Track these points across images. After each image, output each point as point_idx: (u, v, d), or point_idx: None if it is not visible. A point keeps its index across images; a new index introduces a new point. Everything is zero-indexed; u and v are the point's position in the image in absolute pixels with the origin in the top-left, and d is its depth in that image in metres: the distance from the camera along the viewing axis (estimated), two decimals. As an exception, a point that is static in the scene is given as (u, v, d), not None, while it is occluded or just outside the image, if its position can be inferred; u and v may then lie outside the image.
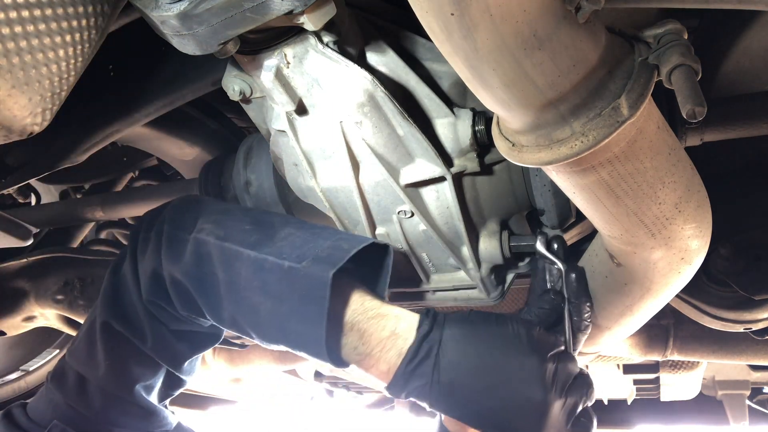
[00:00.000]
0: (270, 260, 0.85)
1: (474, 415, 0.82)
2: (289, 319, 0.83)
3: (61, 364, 1.01)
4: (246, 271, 0.86)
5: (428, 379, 0.81)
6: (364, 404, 3.15)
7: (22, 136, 0.72)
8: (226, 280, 0.87)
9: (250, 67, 0.87)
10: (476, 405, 0.81)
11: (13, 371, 2.27)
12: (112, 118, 1.30)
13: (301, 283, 0.82)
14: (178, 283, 0.92)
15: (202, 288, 0.89)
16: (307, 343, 0.83)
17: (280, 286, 0.84)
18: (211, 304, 0.90)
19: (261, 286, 0.85)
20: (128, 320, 0.97)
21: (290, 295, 0.83)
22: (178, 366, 1.03)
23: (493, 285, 1.10)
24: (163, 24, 0.72)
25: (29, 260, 1.79)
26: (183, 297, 0.93)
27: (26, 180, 1.45)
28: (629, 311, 1.02)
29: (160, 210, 1.01)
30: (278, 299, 0.84)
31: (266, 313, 0.85)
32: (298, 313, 0.82)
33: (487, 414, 0.81)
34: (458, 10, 0.54)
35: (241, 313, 0.88)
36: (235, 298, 0.87)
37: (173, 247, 0.92)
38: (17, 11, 0.64)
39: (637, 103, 0.64)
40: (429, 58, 0.95)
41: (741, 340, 1.61)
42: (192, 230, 0.93)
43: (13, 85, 0.65)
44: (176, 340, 1.00)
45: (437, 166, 0.93)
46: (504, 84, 0.62)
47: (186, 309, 0.94)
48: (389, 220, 1.02)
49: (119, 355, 0.98)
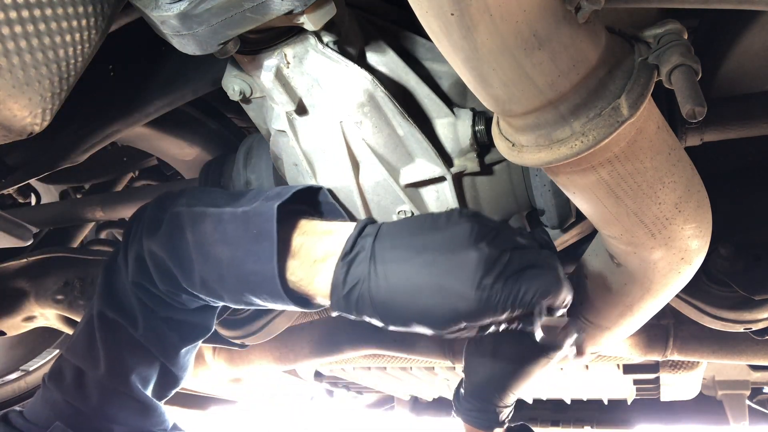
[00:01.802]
0: (228, 211, 0.88)
1: (419, 309, 0.77)
2: (246, 261, 0.84)
3: (58, 363, 1.02)
4: (209, 227, 0.89)
5: (365, 272, 0.78)
6: (364, 404, 3.16)
7: (22, 136, 0.72)
8: (194, 240, 0.89)
9: (250, 67, 0.87)
10: (418, 293, 0.76)
11: (13, 371, 2.27)
12: (112, 118, 1.30)
13: (253, 222, 0.85)
14: (154, 255, 0.93)
15: (175, 254, 0.91)
16: (264, 282, 0.83)
17: (237, 232, 0.86)
18: (183, 268, 0.90)
19: (221, 238, 0.87)
20: (121, 307, 0.98)
21: (244, 236, 0.85)
22: (170, 357, 1.04)
23: (493, 285, 1.10)
24: (163, 24, 0.72)
25: (29, 260, 1.79)
26: (161, 270, 0.93)
27: (26, 180, 1.45)
28: (629, 311, 1.02)
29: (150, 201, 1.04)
30: (235, 245, 0.86)
31: (227, 262, 0.86)
32: (252, 253, 0.84)
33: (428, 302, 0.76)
34: (458, 10, 0.54)
35: (208, 270, 0.89)
36: (202, 256, 0.88)
37: (153, 225, 0.94)
38: (17, 11, 0.64)
39: (637, 103, 0.64)
40: (429, 58, 0.95)
41: (741, 340, 1.61)
42: (171, 208, 0.95)
43: (13, 85, 0.65)
44: (167, 328, 1.01)
45: (437, 166, 0.93)
46: (504, 84, 0.62)
47: (165, 283, 0.94)
48: (389, 221, 1.02)
49: (114, 344, 0.98)
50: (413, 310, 0.78)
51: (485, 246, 0.76)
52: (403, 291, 0.77)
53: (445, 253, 0.77)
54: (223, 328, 1.63)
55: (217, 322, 1.62)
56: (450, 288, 0.75)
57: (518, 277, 0.76)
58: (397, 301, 0.77)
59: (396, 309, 0.78)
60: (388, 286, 0.77)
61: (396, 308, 0.78)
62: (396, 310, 0.78)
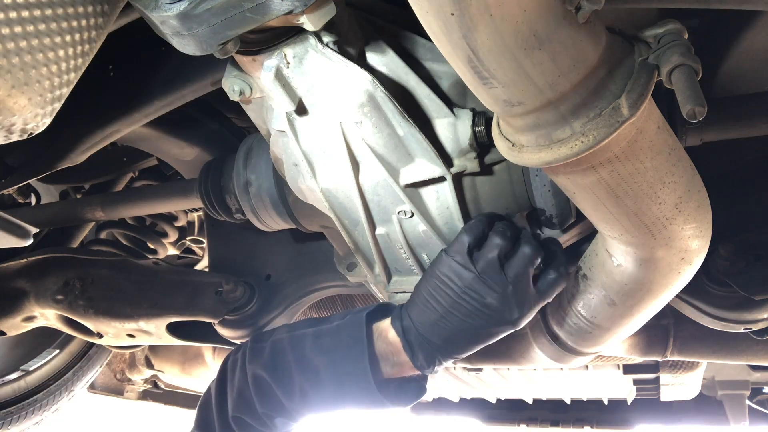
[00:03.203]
0: (324, 327, 1.07)
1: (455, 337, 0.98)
2: (341, 364, 1.01)
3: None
4: (309, 343, 1.05)
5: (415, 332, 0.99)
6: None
7: (22, 136, 0.72)
8: (294, 357, 1.05)
9: (250, 67, 0.87)
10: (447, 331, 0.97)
11: (13, 371, 2.27)
12: (112, 118, 1.30)
13: (346, 333, 1.03)
14: (258, 377, 1.06)
15: (276, 374, 1.05)
16: (357, 380, 0.99)
17: (333, 342, 1.03)
18: (284, 384, 1.04)
19: (320, 350, 1.04)
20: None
21: (339, 345, 1.02)
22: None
23: (493, 285, 1.10)
24: (163, 24, 0.72)
25: (29, 260, 1.79)
26: (262, 391, 1.06)
27: (26, 180, 1.45)
28: (629, 311, 1.02)
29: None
30: (332, 351, 1.02)
31: (324, 369, 1.02)
32: (346, 357, 1.00)
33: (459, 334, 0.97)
34: (458, 10, 0.54)
35: (307, 378, 1.03)
36: (302, 369, 1.03)
37: (255, 353, 1.10)
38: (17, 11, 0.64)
39: (637, 103, 0.64)
40: (429, 58, 0.95)
41: (741, 340, 1.61)
42: (270, 338, 1.12)
43: (13, 85, 0.65)
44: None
45: (437, 166, 0.93)
46: (504, 84, 0.62)
47: (264, 405, 1.06)
48: (389, 221, 1.03)
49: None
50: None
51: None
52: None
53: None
54: (224, 329, 1.63)
55: (217, 323, 1.63)
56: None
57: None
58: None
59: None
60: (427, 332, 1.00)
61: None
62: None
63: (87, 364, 2.48)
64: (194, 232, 2.32)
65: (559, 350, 1.31)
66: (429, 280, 0.99)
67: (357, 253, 1.10)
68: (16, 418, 2.18)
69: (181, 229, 2.28)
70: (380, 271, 1.12)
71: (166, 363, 2.61)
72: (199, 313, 1.61)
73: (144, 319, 1.66)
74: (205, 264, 2.01)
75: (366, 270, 1.13)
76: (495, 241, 0.94)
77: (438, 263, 0.98)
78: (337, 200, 1.02)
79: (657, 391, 2.15)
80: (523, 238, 0.96)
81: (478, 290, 0.94)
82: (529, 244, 0.94)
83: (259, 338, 1.13)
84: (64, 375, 2.39)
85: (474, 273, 0.94)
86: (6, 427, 2.16)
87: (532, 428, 2.49)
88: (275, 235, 1.58)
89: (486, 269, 0.94)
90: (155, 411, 2.93)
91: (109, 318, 1.67)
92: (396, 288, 1.14)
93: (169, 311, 1.64)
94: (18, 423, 2.20)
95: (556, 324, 1.24)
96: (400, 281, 1.13)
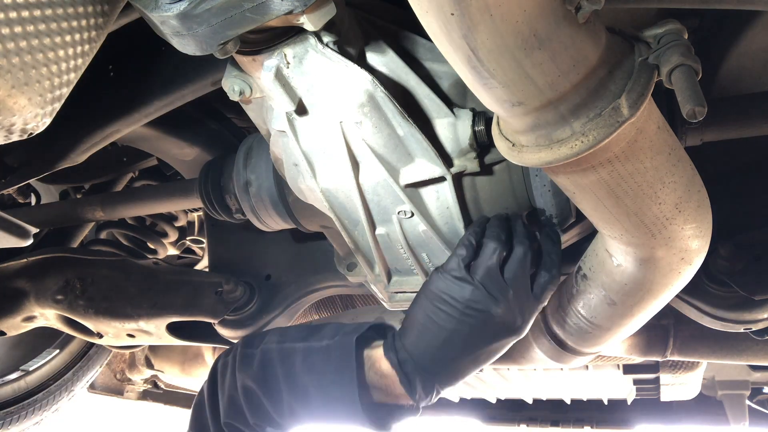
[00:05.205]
0: (315, 346, 1.02)
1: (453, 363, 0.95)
2: (329, 388, 0.97)
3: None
4: (299, 360, 1.01)
5: (412, 361, 0.94)
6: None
7: (22, 136, 0.72)
8: (284, 373, 1.02)
9: (250, 67, 0.87)
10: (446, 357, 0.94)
11: (13, 371, 2.27)
12: (112, 118, 1.30)
13: (335, 354, 0.99)
14: (248, 390, 1.04)
15: (266, 388, 1.02)
16: (345, 405, 0.96)
17: (323, 363, 0.99)
18: (273, 398, 1.02)
19: (309, 369, 1.00)
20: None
21: (327, 368, 0.99)
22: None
23: (493, 285, 1.10)
24: (163, 24, 0.72)
25: (29, 260, 1.79)
26: (253, 403, 1.04)
27: (26, 180, 1.45)
28: (629, 311, 1.02)
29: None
30: (321, 373, 0.99)
31: (313, 390, 0.99)
32: (334, 382, 0.97)
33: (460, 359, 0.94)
34: (458, 10, 0.54)
35: (296, 396, 1.00)
36: (291, 386, 1.01)
37: (245, 361, 1.06)
38: (17, 11, 0.64)
39: (637, 103, 0.64)
40: (429, 58, 0.95)
41: (741, 340, 1.61)
42: (260, 345, 1.08)
43: (13, 85, 0.65)
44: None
45: (437, 166, 0.93)
46: (504, 84, 0.62)
47: (255, 416, 1.03)
48: (389, 221, 1.03)
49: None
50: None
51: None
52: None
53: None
54: (224, 329, 1.63)
55: (217, 323, 1.63)
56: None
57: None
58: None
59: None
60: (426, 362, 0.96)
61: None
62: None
63: (87, 364, 2.48)
64: (194, 232, 2.32)
65: (559, 350, 1.31)
66: (423, 304, 0.94)
67: (357, 253, 1.10)
68: (16, 418, 2.19)
69: (181, 229, 2.28)
70: (380, 271, 1.12)
71: (166, 363, 2.61)
72: (199, 313, 1.62)
73: (144, 319, 1.66)
74: (205, 264, 2.01)
75: (366, 270, 1.13)
76: (491, 246, 0.91)
77: (431, 283, 0.94)
78: (337, 200, 1.02)
79: (657, 391, 2.15)
80: (516, 237, 0.94)
81: (481, 303, 0.90)
82: (521, 245, 0.92)
83: (250, 343, 1.10)
84: (64, 375, 2.40)
85: (473, 284, 0.90)
86: (6, 427, 2.16)
87: (532, 428, 2.48)
88: (275, 235, 1.58)
89: (485, 278, 0.90)
90: (155, 411, 2.93)
91: (109, 318, 1.67)
92: (396, 288, 1.14)
93: (169, 311, 1.64)
94: (18, 423, 2.20)
95: (556, 324, 1.24)
96: (400, 281, 1.14)
